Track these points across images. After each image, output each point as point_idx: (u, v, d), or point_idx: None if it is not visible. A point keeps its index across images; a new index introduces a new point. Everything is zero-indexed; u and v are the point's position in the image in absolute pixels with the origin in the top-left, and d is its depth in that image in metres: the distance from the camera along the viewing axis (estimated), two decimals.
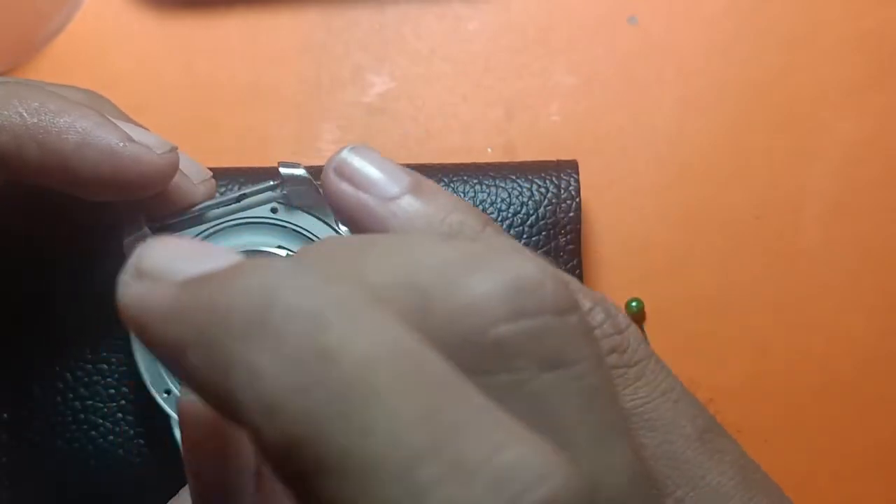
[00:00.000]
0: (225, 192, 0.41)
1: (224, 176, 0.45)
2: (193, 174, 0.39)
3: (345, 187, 0.30)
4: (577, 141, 0.53)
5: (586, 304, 0.28)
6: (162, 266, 0.21)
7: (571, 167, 0.47)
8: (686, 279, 0.51)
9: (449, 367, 0.19)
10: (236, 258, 0.21)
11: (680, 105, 0.53)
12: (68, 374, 0.42)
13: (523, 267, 0.21)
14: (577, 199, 0.46)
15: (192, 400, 0.26)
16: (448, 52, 0.54)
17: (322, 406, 0.18)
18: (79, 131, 0.35)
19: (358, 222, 0.30)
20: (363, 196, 0.29)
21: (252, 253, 0.39)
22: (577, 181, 0.46)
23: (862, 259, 0.51)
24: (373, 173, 0.30)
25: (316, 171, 0.40)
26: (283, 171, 0.39)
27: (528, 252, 0.28)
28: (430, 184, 0.30)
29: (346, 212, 0.30)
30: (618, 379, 0.27)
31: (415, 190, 0.29)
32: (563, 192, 0.46)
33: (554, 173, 0.47)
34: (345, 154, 0.30)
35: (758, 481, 0.28)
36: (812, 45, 0.53)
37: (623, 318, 0.28)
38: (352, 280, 0.21)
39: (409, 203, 0.29)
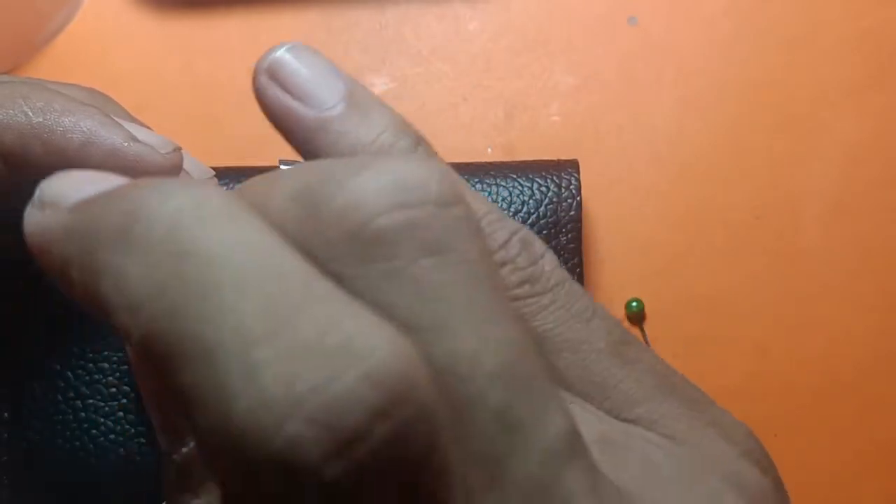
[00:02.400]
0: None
1: (225, 175, 0.45)
2: (196, 173, 0.39)
3: (275, 92, 0.29)
4: (577, 141, 0.53)
5: (502, 235, 0.28)
6: (58, 193, 0.22)
7: (572, 166, 0.47)
8: (686, 279, 0.51)
9: (301, 263, 0.20)
10: (126, 181, 0.22)
11: (680, 105, 0.53)
12: (69, 373, 0.42)
13: (408, 166, 0.22)
14: (578, 199, 0.46)
15: None
16: (448, 52, 0.54)
17: (174, 301, 0.19)
18: (83, 131, 0.35)
19: (288, 131, 0.29)
20: (294, 105, 0.28)
21: None
22: (578, 180, 0.46)
23: (862, 259, 0.51)
24: (307, 80, 0.29)
25: None
26: (283, 168, 0.39)
27: (443, 167, 0.28)
28: (366, 96, 0.29)
29: (276, 118, 0.29)
30: (532, 307, 0.28)
31: (349, 103, 0.28)
32: (563, 191, 0.46)
33: (555, 172, 0.47)
34: (280, 53, 0.29)
35: (674, 385, 0.28)
36: (812, 45, 0.53)
37: (539, 246, 0.28)
38: (253, 201, 0.22)
39: (340, 117, 0.28)
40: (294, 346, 0.18)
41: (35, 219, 0.23)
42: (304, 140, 0.29)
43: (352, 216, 0.21)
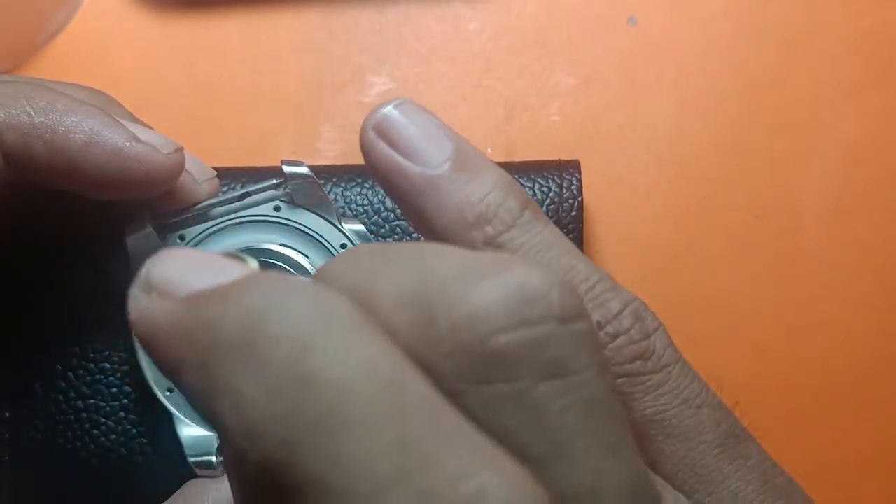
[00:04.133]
0: (227, 190, 0.41)
1: (226, 175, 0.45)
2: (197, 172, 0.39)
3: (383, 149, 0.28)
4: (577, 141, 0.53)
5: (615, 306, 0.27)
6: (169, 280, 0.21)
7: (573, 167, 0.47)
8: (686, 279, 0.51)
9: (429, 390, 0.19)
10: (241, 272, 0.21)
11: (680, 105, 0.53)
12: (70, 373, 0.42)
13: (529, 276, 0.21)
14: (580, 199, 0.46)
15: None
16: (448, 52, 0.54)
17: (298, 433, 0.18)
18: (86, 130, 0.34)
19: (393, 188, 0.28)
20: (402, 162, 0.28)
21: (256, 252, 0.39)
22: (580, 181, 0.46)
23: (862, 259, 0.51)
24: (415, 137, 0.28)
25: (316, 171, 0.41)
26: (286, 168, 0.39)
27: (559, 244, 0.28)
28: (474, 155, 0.28)
29: (382, 174, 0.28)
30: (640, 386, 0.27)
31: (457, 162, 0.28)
32: (565, 191, 0.46)
33: (556, 173, 0.47)
34: (388, 110, 0.28)
35: (780, 486, 0.28)
36: (812, 45, 0.53)
37: (652, 321, 0.28)
38: (355, 296, 0.21)
39: (448, 177, 0.28)
40: (427, 494, 0.17)
41: (142, 304, 0.21)
42: (411, 198, 0.28)
43: (471, 331, 0.20)
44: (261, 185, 0.40)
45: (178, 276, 0.21)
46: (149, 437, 0.42)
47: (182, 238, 0.39)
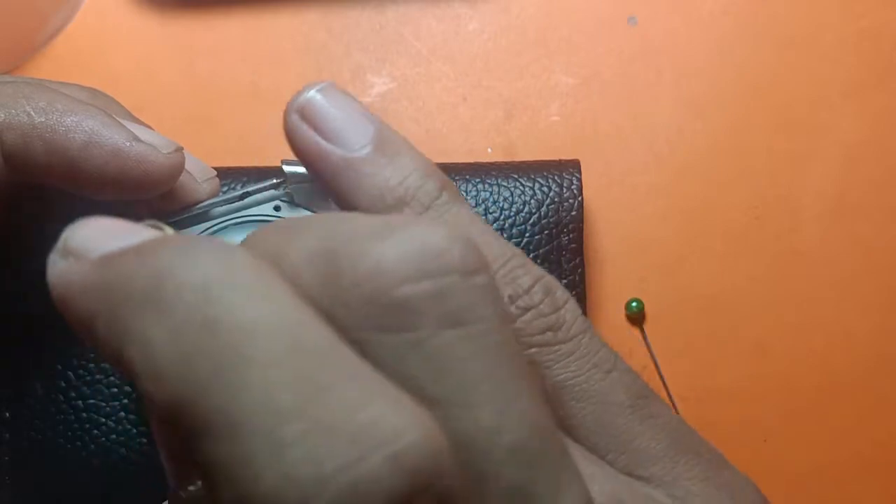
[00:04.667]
0: (227, 190, 0.41)
1: (227, 175, 0.45)
2: (197, 172, 0.39)
3: (306, 131, 0.29)
4: (577, 141, 0.53)
5: (526, 281, 0.28)
6: (83, 244, 0.22)
7: (574, 167, 0.47)
8: (686, 279, 0.51)
9: (328, 335, 0.20)
10: (151, 235, 0.22)
11: (680, 105, 0.53)
12: (70, 373, 0.42)
13: (431, 232, 0.22)
14: (580, 199, 0.46)
15: None
16: (448, 52, 0.54)
17: (200, 372, 0.19)
18: (85, 130, 0.34)
19: (316, 170, 0.29)
20: (323, 145, 0.29)
21: None
22: (580, 180, 0.46)
23: (862, 259, 0.51)
24: (337, 121, 0.29)
25: None
26: (286, 168, 0.39)
27: (471, 222, 0.29)
28: (394, 138, 0.29)
29: (305, 157, 0.29)
30: (552, 355, 0.28)
31: (378, 145, 0.29)
32: (565, 191, 0.46)
33: (556, 173, 0.47)
34: (311, 94, 0.29)
35: (689, 443, 0.29)
36: (812, 45, 0.53)
37: (562, 295, 0.29)
38: (268, 256, 0.22)
39: (368, 160, 0.29)
40: (323, 424, 0.18)
41: (59, 267, 0.22)
42: (332, 179, 0.29)
43: (374, 283, 0.21)
44: (261, 185, 0.40)
45: (93, 239, 0.22)
46: (149, 437, 0.42)
47: None
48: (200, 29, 0.55)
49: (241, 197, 0.40)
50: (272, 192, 0.40)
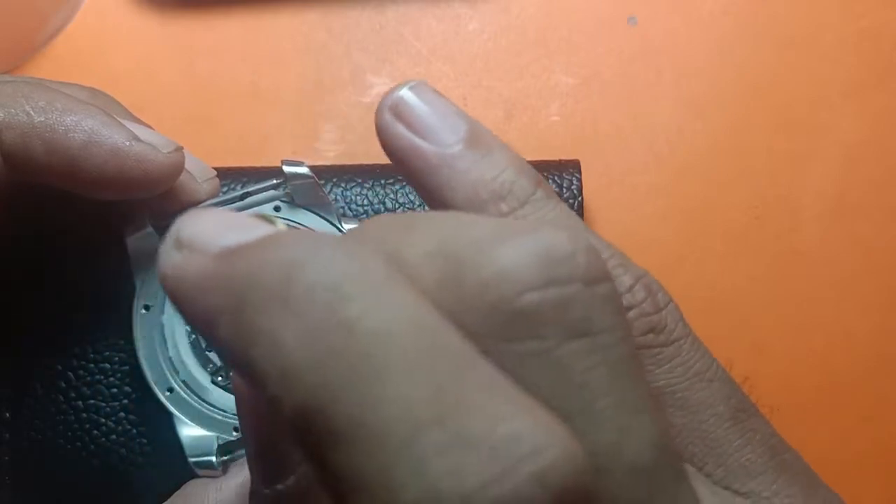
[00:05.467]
0: (227, 190, 0.41)
1: (226, 175, 0.45)
2: (197, 173, 0.39)
3: (399, 129, 0.29)
4: (577, 141, 0.53)
5: (627, 280, 0.28)
6: (200, 236, 0.21)
7: (574, 166, 0.47)
8: (686, 279, 0.51)
9: (462, 342, 0.19)
10: (271, 229, 0.22)
11: (680, 105, 0.53)
12: (70, 374, 0.42)
13: (555, 237, 0.21)
14: (580, 199, 0.46)
15: None
16: (448, 52, 0.54)
17: (336, 377, 0.18)
18: (85, 130, 0.34)
19: (408, 167, 0.29)
20: (417, 142, 0.28)
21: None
22: (580, 180, 0.46)
23: (862, 259, 0.51)
24: (430, 117, 0.29)
25: (316, 171, 0.41)
26: (286, 168, 0.39)
27: (571, 220, 0.28)
28: (486, 135, 0.29)
29: (398, 154, 0.29)
30: (653, 358, 0.27)
31: (471, 141, 0.28)
32: (565, 191, 0.46)
33: (556, 173, 0.47)
34: (403, 92, 0.29)
35: (787, 461, 0.29)
36: (812, 45, 0.53)
37: (663, 296, 0.28)
38: (385, 254, 0.21)
39: (462, 155, 0.28)
40: (464, 436, 0.18)
41: (174, 259, 0.22)
42: (426, 176, 0.29)
43: (499, 290, 0.20)
44: (261, 185, 0.40)
45: (210, 232, 0.21)
46: (149, 437, 0.42)
47: None
48: (200, 29, 0.55)
49: (241, 197, 0.40)
50: (272, 192, 0.40)
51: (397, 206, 0.45)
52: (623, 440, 0.20)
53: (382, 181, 0.46)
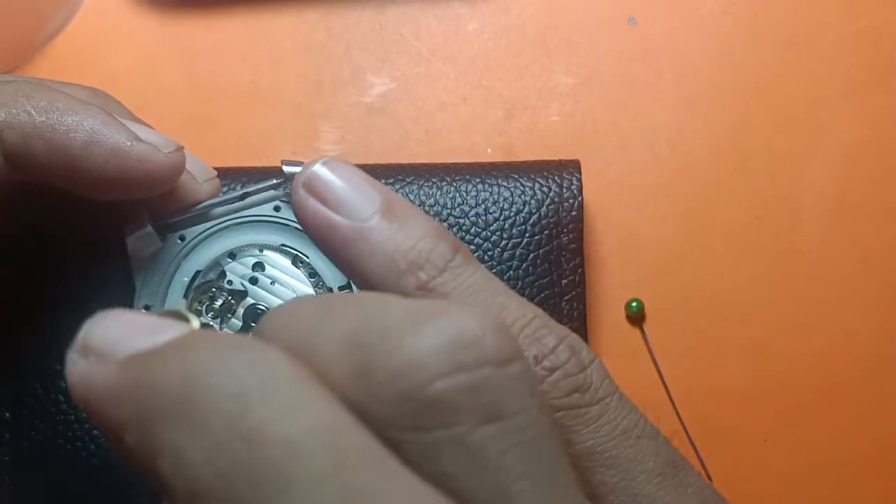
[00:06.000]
0: (227, 190, 0.41)
1: (227, 175, 0.45)
2: (198, 172, 0.39)
3: (313, 204, 0.29)
4: (577, 141, 0.53)
5: (550, 341, 0.28)
6: (105, 342, 0.21)
7: (574, 166, 0.47)
8: (686, 279, 0.51)
9: (369, 442, 0.19)
10: (179, 333, 0.21)
11: (680, 105, 0.53)
12: None
13: (464, 321, 0.21)
14: (580, 199, 0.46)
15: None
16: (448, 52, 0.54)
17: (241, 491, 0.18)
18: (86, 130, 0.34)
19: (326, 242, 0.29)
20: (333, 217, 0.29)
21: (256, 247, 0.39)
22: (580, 180, 0.46)
23: (862, 259, 0.51)
24: (344, 192, 0.29)
25: None
26: (286, 169, 0.39)
27: (489, 286, 0.28)
28: (402, 205, 0.29)
29: (314, 231, 0.29)
30: (579, 419, 0.27)
31: (386, 212, 0.29)
32: (565, 191, 0.46)
33: (556, 172, 0.47)
34: (316, 168, 0.29)
35: None
36: (812, 45, 0.53)
37: (587, 354, 0.28)
38: (295, 350, 0.21)
39: (378, 227, 0.28)
40: None
41: (80, 368, 0.22)
42: (343, 250, 0.29)
43: (408, 379, 0.20)
44: (261, 186, 0.40)
45: (115, 338, 0.21)
46: None
47: (182, 238, 0.39)
48: (200, 29, 0.55)
49: (242, 197, 0.40)
50: (272, 192, 0.40)
51: None
52: None
53: (382, 181, 0.46)
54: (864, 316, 0.50)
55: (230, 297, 0.38)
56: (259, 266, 0.39)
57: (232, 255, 0.39)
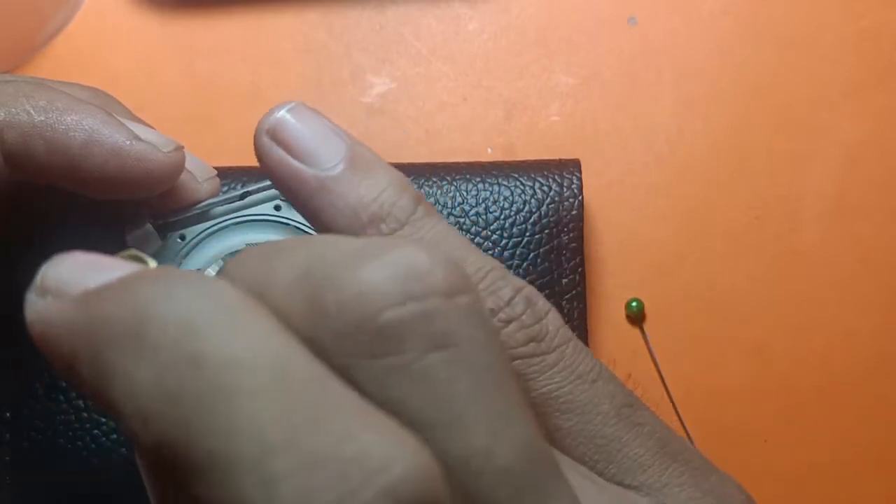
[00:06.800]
0: (227, 190, 0.41)
1: (227, 175, 0.45)
2: (198, 172, 0.39)
3: (277, 153, 0.29)
4: (577, 141, 0.53)
5: (507, 293, 0.28)
6: (61, 281, 0.22)
7: (574, 166, 0.47)
8: (686, 279, 0.51)
9: (313, 364, 0.20)
10: (132, 269, 0.22)
11: (680, 105, 0.53)
12: None
13: (413, 254, 0.22)
14: (580, 198, 0.46)
15: None
16: (448, 52, 0.54)
17: (188, 412, 0.19)
18: (86, 129, 0.34)
19: (289, 191, 0.29)
20: (296, 165, 0.28)
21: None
22: (580, 180, 0.46)
23: (862, 259, 0.51)
24: (308, 141, 0.29)
25: None
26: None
27: (450, 237, 0.29)
28: (366, 156, 0.29)
29: (278, 179, 0.29)
30: (535, 367, 0.28)
31: (350, 163, 0.28)
32: (565, 190, 0.46)
33: (556, 172, 0.47)
34: (281, 114, 0.29)
35: (677, 451, 0.29)
36: (812, 45, 0.53)
37: (543, 305, 0.29)
38: (248, 285, 0.22)
39: (342, 178, 0.28)
40: (311, 456, 0.18)
41: (37, 307, 0.22)
42: (306, 200, 0.29)
43: (359, 309, 0.21)
44: (261, 185, 0.40)
45: (71, 276, 0.22)
46: None
47: (182, 238, 0.39)
48: (200, 29, 0.55)
49: (242, 197, 0.40)
50: (272, 191, 0.40)
51: None
52: (492, 444, 0.21)
53: None
54: (864, 316, 0.50)
55: None
56: None
57: (232, 254, 0.39)
